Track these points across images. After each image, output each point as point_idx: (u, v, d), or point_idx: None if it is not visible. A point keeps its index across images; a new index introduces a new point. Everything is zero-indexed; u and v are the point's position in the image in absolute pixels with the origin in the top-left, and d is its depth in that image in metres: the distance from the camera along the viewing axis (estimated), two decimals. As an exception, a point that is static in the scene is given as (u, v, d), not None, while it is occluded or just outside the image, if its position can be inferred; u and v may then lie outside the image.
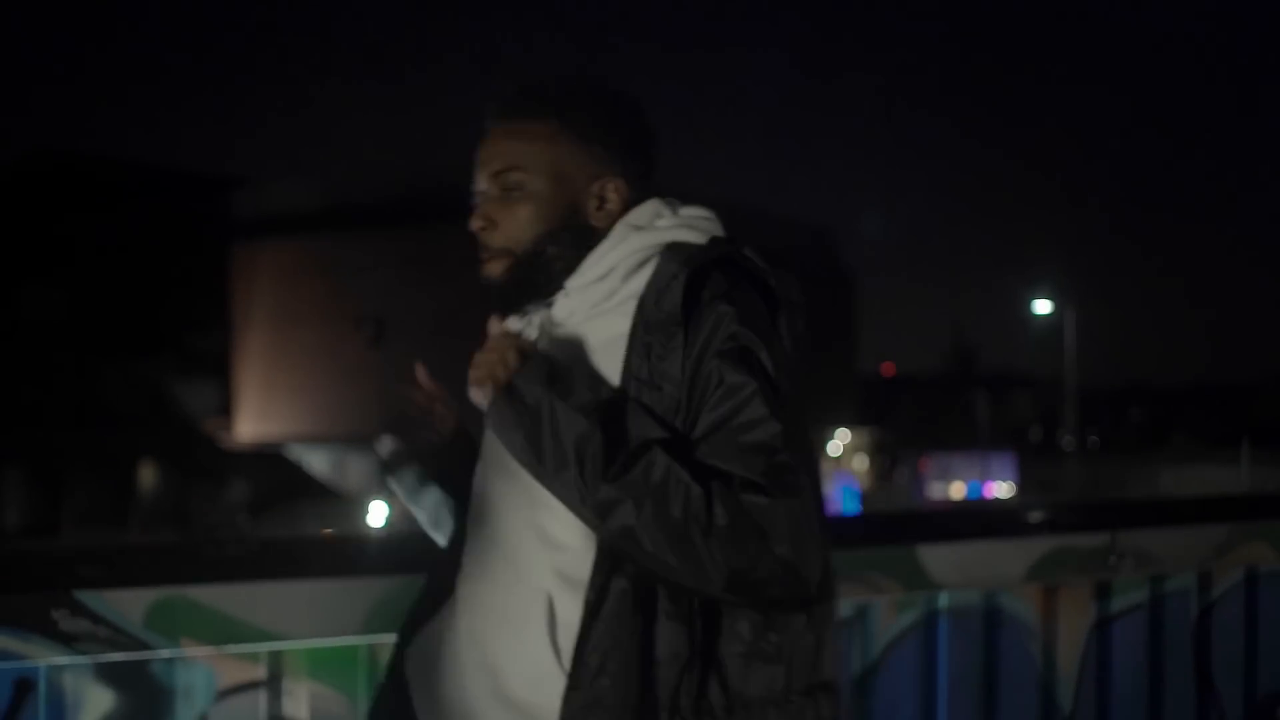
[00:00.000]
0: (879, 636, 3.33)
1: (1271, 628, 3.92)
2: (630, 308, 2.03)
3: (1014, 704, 3.48)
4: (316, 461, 44.92)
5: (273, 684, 2.66)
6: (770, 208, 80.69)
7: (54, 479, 36.88)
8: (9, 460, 35.79)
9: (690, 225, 2.15)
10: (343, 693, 2.72)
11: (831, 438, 54.85)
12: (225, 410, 50.74)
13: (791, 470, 1.89)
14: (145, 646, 2.54)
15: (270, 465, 43.18)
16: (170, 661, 2.56)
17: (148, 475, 43.11)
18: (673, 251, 2.06)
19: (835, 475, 53.73)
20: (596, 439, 1.92)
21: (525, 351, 2.04)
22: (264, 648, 2.64)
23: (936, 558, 3.29)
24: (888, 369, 72.80)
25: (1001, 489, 43.12)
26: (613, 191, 2.13)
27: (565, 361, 2.03)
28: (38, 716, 2.48)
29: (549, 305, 2.13)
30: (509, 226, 2.12)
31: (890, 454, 57.01)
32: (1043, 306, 43.22)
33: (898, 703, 3.36)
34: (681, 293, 1.97)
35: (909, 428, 55.33)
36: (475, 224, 2.14)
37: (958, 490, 43.38)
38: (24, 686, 2.49)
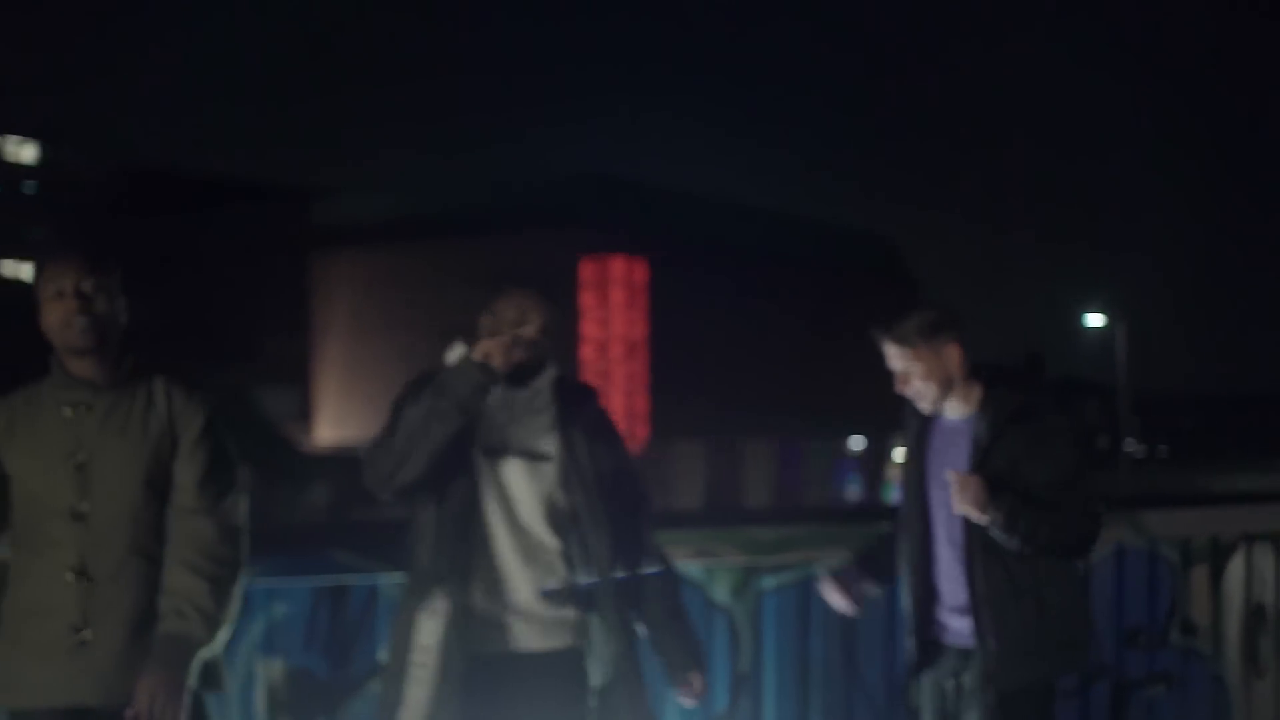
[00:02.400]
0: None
1: (1134, 581, 5.89)
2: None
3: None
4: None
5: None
6: (834, 219, 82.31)
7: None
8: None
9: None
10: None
11: (897, 445, 56.28)
12: (305, 415, 52.51)
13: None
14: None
15: (348, 468, 45.11)
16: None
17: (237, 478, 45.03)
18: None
19: (898, 484, 55.17)
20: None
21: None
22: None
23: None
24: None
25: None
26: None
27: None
28: (378, 613, 4.46)
29: (523, 387, 3.91)
30: (533, 352, 3.86)
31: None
32: (1095, 319, 44.47)
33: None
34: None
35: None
36: (519, 354, 3.84)
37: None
38: (374, 593, 4.48)
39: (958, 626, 4.27)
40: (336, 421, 51.86)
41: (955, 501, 4.11)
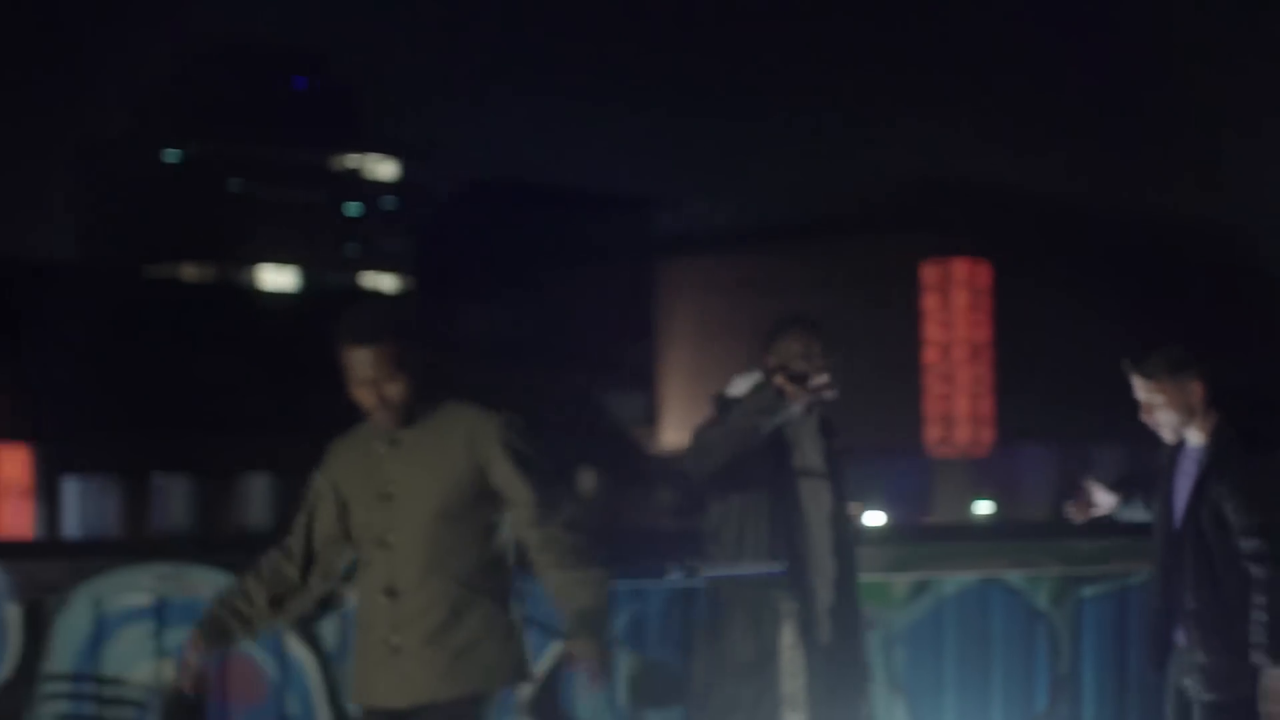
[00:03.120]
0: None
1: None
2: None
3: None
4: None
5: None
6: (1185, 214, 79.67)
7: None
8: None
9: None
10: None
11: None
12: (651, 419, 53.62)
13: None
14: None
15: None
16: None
17: (585, 480, 46.29)
18: None
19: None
20: None
21: None
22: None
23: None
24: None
25: None
26: None
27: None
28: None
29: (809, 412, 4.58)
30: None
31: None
32: None
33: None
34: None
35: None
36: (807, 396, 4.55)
37: None
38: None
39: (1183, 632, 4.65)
40: (681, 425, 52.72)
41: None
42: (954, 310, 47.70)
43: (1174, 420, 4.60)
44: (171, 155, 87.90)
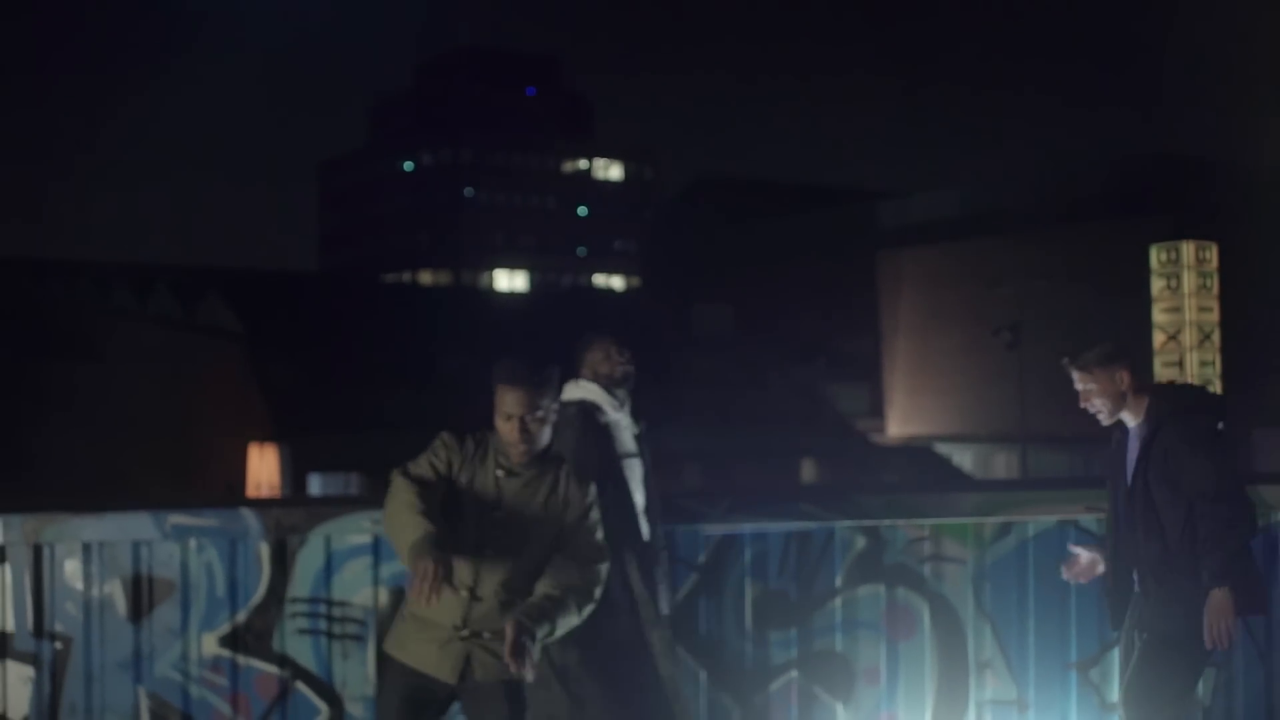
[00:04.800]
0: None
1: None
2: None
3: None
4: (961, 459, 47.72)
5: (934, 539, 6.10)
6: None
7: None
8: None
9: None
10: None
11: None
12: (876, 411, 53.86)
13: None
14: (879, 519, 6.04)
15: (919, 462, 46.20)
16: (891, 527, 6.03)
17: (808, 471, 46.93)
18: None
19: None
20: None
21: None
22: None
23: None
24: None
25: None
26: None
27: None
28: (834, 550, 5.98)
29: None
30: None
31: None
32: None
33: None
34: None
35: None
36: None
37: None
38: (830, 535, 6.00)
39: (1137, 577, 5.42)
40: (905, 417, 52.84)
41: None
42: (1182, 294, 47.15)
43: (1108, 405, 5.31)
44: (407, 165, 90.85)
